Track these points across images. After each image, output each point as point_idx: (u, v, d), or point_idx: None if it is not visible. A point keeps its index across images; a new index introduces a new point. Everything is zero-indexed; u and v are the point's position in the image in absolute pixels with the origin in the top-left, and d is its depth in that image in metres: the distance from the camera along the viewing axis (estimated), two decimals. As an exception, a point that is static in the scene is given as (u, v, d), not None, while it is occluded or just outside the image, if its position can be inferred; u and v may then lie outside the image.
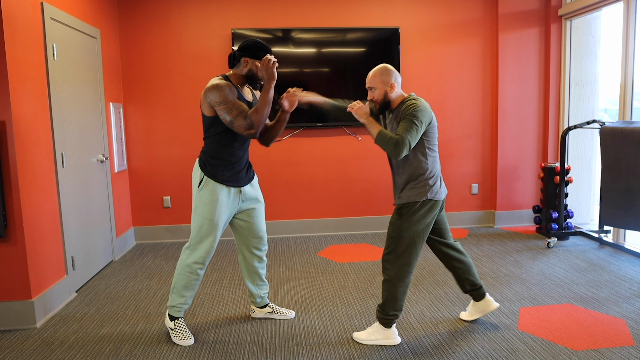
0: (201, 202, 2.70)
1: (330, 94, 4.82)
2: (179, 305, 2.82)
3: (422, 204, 2.57)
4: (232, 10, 4.86)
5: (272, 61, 2.58)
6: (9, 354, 2.70)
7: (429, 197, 2.57)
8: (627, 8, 4.16)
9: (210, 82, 2.63)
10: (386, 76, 2.59)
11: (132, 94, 4.86)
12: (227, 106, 2.56)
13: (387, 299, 2.63)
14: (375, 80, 2.60)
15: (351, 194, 5.19)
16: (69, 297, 3.48)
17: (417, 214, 2.57)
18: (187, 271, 2.76)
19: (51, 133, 3.35)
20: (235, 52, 2.71)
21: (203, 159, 2.73)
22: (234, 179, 2.74)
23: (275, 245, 4.79)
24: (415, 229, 2.58)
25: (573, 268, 3.88)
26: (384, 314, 2.66)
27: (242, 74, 2.70)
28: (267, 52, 2.66)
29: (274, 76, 2.60)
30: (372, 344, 2.70)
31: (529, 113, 5.21)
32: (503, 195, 5.28)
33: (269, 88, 2.59)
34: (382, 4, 5.00)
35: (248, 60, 2.65)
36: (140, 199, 4.97)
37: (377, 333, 2.70)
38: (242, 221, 2.90)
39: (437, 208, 2.62)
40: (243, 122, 2.57)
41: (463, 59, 5.14)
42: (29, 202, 3.04)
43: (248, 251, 2.97)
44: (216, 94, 2.56)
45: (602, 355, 2.53)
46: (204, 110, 2.66)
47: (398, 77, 2.63)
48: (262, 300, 3.08)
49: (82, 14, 3.95)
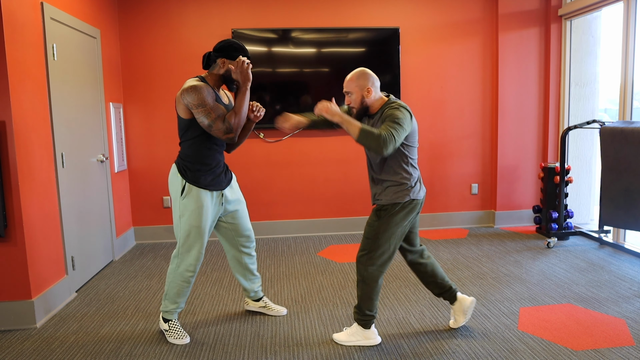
0: (186, 210, 2.66)
1: (330, 94, 4.83)
2: (173, 310, 2.83)
3: (402, 205, 2.55)
4: (232, 10, 4.86)
5: (245, 62, 2.56)
6: (9, 354, 2.70)
7: (411, 197, 2.56)
8: (627, 8, 4.16)
9: (186, 83, 2.58)
10: (363, 80, 2.55)
11: (132, 94, 4.86)
12: (206, 109, 2.52)
13: (362, 300, 2.63)
14: (352, 84, 2.56)
15: (351, 194, 5.18)
16: (69, 297, 3.48)
17: (396, 216, 2.55)
18: (179, 280, 2.75)
19: (51, 133, 3.35)
20: (210, 52, 2.68)
21: (182, 165, 2.67)
22: (215, 182, 2.71)
23: (275, 245, 4.79)
24: (393, 231, 2.56)
25: (573, 268, 3.88)
26: (361, 314, 2.66)
27: (218, 75, 2.67)
28: (243, 53, 2.63)
29: (249, 77, 2.58)
30: (353, 345, 2.70)
31: (529, 113, 5.21)
32: (503, 195, 5.28)
33: (246, 90, 2.58)
34: (382, 4, 5.00)
35: (225, 61, 2.62)
36: (140, 199, 4.97)
37: (357, 334, 2.69)
38: (228, 223, 2.90)
39: (416, 209, 2.61)
40: (222, 126, 2.54)
41: (463, 59, 5.14)
42: (29, 202, 3.04)
43: (237, 250, 2.98)
44: (194, 96, 2.51)
45: (602, 355, 2.53)
46: (180, 112, 2.60)
47: (376, 81, 2.58)
48: (257, 294, 3.12)
49: (82, 14, 3.95)
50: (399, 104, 2.52)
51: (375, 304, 2.65)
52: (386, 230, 2.56)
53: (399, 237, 2.60)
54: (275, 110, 4.91)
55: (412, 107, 5.11)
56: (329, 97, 4.84)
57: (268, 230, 5.13)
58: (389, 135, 2.35)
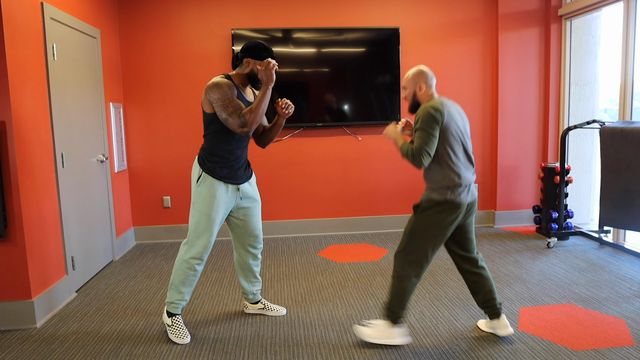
0: (199, 198, 2.75)
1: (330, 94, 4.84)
2: (177, 301, 2.84)
3: (437, 204, 2.52)
4: (232, 10, 4.86)
5: (272, 64, 2.62)
6: (9, 354, 2.70)
7: (448, 198, 2.51)
8: (627, 8, 4.16)
9: (211, 80, 2.69)
10: (418, 77, 2.66)
11: (132, 94, 4.86)
12: (224, 103, 2.63)
13: (393, 296, 2.61)
14: (408, 80, 2.70)
15: (351, 194, 5.18)
16: (69, 297, 3.48)
17: (432, 214, 2.53)
18: (184, 267, 2.78)
19: (51, 133, 3.35)
20: (238, 52, 2.77)
21: (202, 155, 2.79)
22: (231, 176, 2.79)
23: (275, 245, 4.79)
24: (429, 229, 2.53)
25: (573, 268, 3.88)
26: (390, 311, 2.63)
27: (244, 74, 2.76)
28: (269, 54, 2.72)
29: (272, 78, 2.63)
30: (378, 342, 2.67)
31: (529, 113, 5.21)
32: (503, 195, 5.28)
33: (267, 90, 2.64)
34: (382, 4, 5.00)
35: (250, 61, 2.72)
36: (140, 199, 4.97)
37: (386, 332, 2.66)
38: (238, 219, 2.95)
39: (457, 212, 2.53)
40: (237, 120, 2.62)
41: (463, 59, 5.15)
42: (29, 202, 3.04)
43: (243, 249, 3.02)
44: (215, 91, 2.63)
45: (602, 355, 2.53)
46: (205, 107, 2.72)
47: (430, 79, 2.64)
48: (255, 297, 3.14)
49: (82, 14, 3.95)
50: (430, 105, 2.51)
51: (404, 303, 2.61)
52: (422, 227, 2.54)
53: (437, 236, 2.54)
54: (275, 110, 4.90)
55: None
56: (329, 97, 4.85)
57: (268, 230, 5.13)
58: (419, 151, 2.48)
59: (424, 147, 2.46)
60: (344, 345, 2.72)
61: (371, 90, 4.93)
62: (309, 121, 4.95)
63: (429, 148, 2.46)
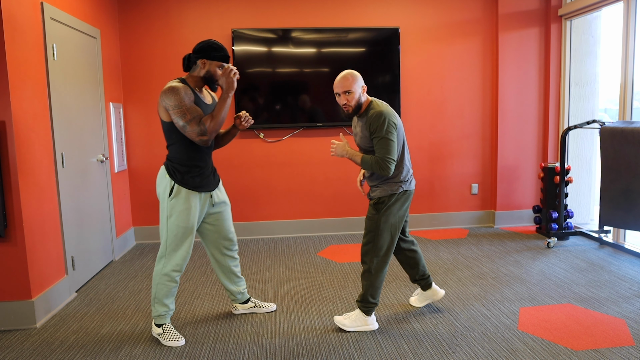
0: (174, 211, 2.67)
1: (330, 94, 4.84)
2: (164, 313, 2.81)
3: (397, 196, 2.76)
4: (232, 10, 4.86)
5: (232, 71, 2.58)
6: (9, 354, 2.70)
7: (405, 188, 2.78)
8: (627, 8, 4.16)
9: (166, 85, 2.58)
10: (360, 80, 2.72)
11: (132, 94, 4.86)
12: (182, 110, 2.52)
13: (368, 289, 2.82)
14: (354, 84, 2.68)
15: (351, 194, 5.18)
16: (69, 297, 3.48)
17: (393, 207, 2.75)
18: (166, 280, 2.75)
19: (51, 133, 3.35)
20: (190, 54, 2.68)
21: (170, 166, 2.68)
22: (204, 184, 2.73)
23: (275, 245, 4.79)
24: (392, 221, 2.77)
25: (573, 268, 3.88)
26: (365, 303, 2.84)
27: (199, 76, 2.67)
28: (223, 53, 2.65)
29: (233, 86, 2.59)
30: (354, 330, 2.86)
31: (529, 113, 5.21)
32: (503, 195, 5.28)
33: (227, 97, 2.58)
34: (382, 4, 5.00)
35: (205, 62, 2.63)
36: (140, 199, 4.98)
37: (359, 320, 2.87)
38: (211, 225, 2.90)
39: (410, 198, 2.83)
40: (196, 128, 2.54)
41: (463, 59, 5.15)
42: (29, 202, 3.04)
43: (220, 253, 2.99)
44: (172, 97, 2.52)
45: (602, 355, 2.53)
46: (162, 115, 2.61)
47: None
48: (243, 296, 3.13)
49: (82, 14, 3.95)
50: (381, 111, 2.66)
51: (379, 292, 2.85)
52: (386, 221, 2.76)
53: (397, 226, 2.80)
54: (275, 110, 4.91)
55: (412, 107, 5.12)
56: (329, 97, 4.85)
57: (268, 230, 5.13)
58: (383, 161, 2.63)
59: (388, 155, 2.63)
60: (344, 345, 2.72)
61: (371, 90, 4.93)
62: (309, 121, 4.95)
63: (393, 155, 2.65)
